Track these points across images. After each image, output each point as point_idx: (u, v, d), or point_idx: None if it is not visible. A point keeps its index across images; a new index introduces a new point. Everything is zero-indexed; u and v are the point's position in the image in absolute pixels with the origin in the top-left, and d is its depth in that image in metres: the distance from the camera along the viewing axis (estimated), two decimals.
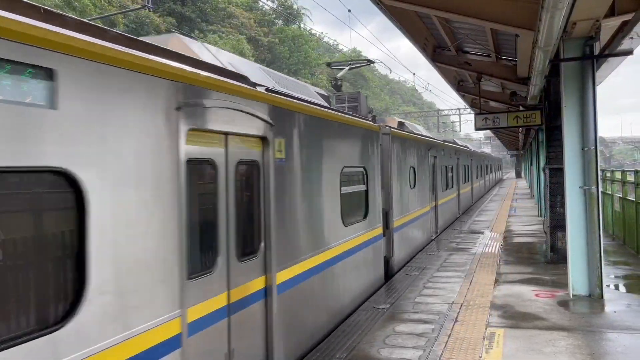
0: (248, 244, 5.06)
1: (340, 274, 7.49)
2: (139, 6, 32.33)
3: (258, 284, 5.09)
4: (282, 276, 5.50)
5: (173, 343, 3.73)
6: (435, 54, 14.11)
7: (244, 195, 5.08)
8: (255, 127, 5.16)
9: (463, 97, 21.14)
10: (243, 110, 4.92)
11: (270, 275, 5.28)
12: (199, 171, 4.36)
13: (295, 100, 6.29)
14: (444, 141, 20.10)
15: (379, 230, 9.67)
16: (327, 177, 7.08)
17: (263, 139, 5.37)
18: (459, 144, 26.38)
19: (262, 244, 5.24)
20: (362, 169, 8.72)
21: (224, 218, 4.57)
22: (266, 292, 5.23)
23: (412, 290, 9.14)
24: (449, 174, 19.11)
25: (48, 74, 2.88)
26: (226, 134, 4.69)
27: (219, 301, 4.42)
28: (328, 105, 8.10)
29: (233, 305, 4.62)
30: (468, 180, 25.83)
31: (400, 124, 13.51)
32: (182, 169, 3.93)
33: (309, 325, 6.29)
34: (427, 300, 8.44)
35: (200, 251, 4.30)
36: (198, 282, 4.16)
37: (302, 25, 61.50)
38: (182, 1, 49.61)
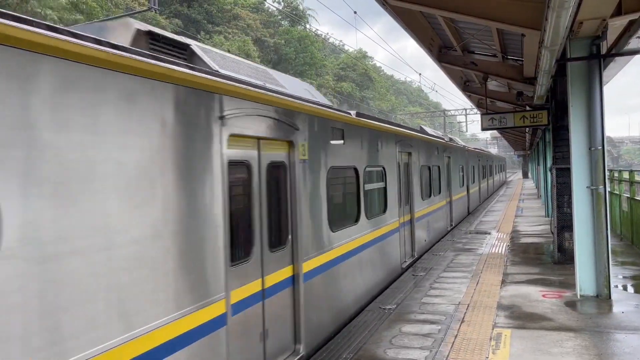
0: None
1: None
2: (145, 8, 32.51)
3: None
4: None
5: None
6: (441, 54, 14.08)
7: None
8: None
9: (469, 97, 21.09)
10: None
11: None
12: None
13: None
14: (382, 121, 10.55)
15: None
16: None
17: None
18: (429, 132, 16.54)
19: None
20: None
21: None
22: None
23: (419, 291, 9.13)
24: (379, 185, 9.80)
25: None
26: None
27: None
28: None
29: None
30: (439, 193, 15.81)
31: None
32: None
33: None
34: (433, 301, 8.43)
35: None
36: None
37: (307, 26, 61.57)
38: (189, 3, 49.79)
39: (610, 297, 8.14)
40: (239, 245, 5.14)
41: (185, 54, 5.24)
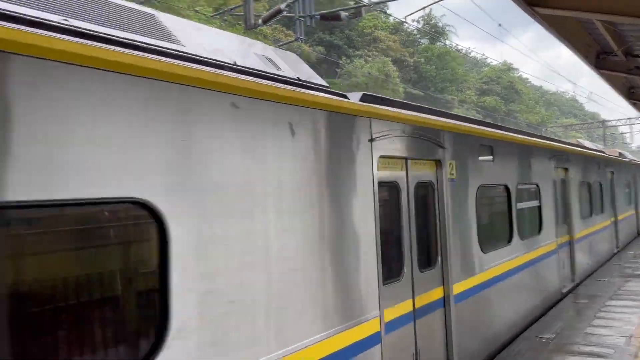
0: None
1: None
2: (292, 39, 34.59)
3: None
4: None
5: None
6: (599, 60, 12.96)
7: None
8: None
9: (634, 105, 19.03)
10: None
11: None
12: None
13: None
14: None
15: None
16: None
17: None
18: None
19: None
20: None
21: None
22: None
23: (581, 320, 8.34)
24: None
25: None
26: None
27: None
28: None
29: None
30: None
31: None
32: None
33: None
34: (599, 332, 7.64)
35: None
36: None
37: (447, 42, 60.53)
38: (330, 30, 51.91)
39: None
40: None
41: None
